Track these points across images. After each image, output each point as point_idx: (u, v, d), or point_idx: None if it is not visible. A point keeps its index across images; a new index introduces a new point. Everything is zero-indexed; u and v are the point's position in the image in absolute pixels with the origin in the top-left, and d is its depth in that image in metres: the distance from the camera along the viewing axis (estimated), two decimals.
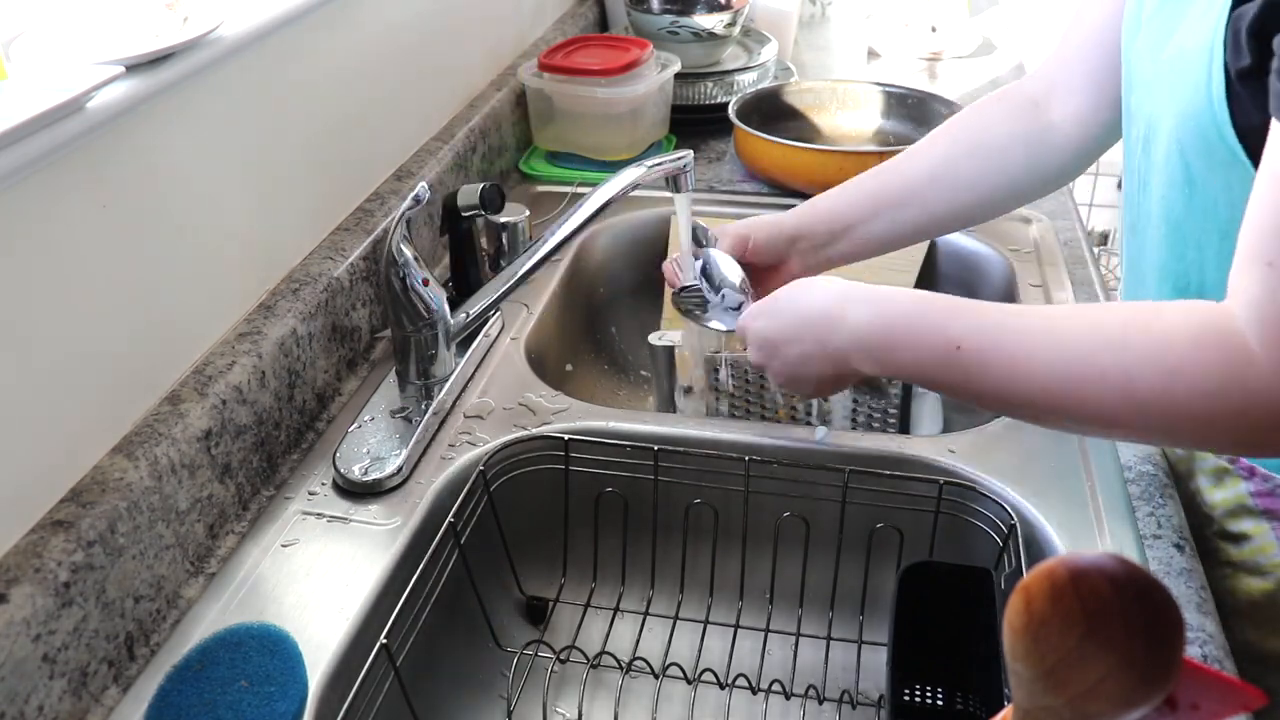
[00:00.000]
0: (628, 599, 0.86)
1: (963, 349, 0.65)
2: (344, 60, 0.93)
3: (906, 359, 0.69)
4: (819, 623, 0.83)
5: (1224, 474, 0.77)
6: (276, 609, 0.68)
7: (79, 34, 0.68)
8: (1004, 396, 0.65)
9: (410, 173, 1.04)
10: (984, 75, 1.66)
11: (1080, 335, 0.62)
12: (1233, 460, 0.76)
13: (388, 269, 0.83)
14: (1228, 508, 0.77)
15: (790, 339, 0.74)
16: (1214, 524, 0.79)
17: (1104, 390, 0.60)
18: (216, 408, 0.72)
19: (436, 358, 0.87)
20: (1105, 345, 0.60)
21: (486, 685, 0.80)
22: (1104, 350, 0.60)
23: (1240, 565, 0.77)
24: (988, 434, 0.83)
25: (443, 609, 0.74)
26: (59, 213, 0.61)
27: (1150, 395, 0.58)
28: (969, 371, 0.65)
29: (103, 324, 0.66)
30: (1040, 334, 0.63)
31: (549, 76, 1.25)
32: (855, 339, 0.70)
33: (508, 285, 0.89)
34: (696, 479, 0.81)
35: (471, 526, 0.76)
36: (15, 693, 0.55)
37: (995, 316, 0.65)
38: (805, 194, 1.20)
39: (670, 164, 0.89)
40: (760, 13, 1.60)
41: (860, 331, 0.70)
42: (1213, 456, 0.78)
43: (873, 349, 0.70)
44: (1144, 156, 0.73)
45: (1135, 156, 0.75)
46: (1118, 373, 0.59)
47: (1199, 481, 0.80)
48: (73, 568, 0.59)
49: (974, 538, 0.77)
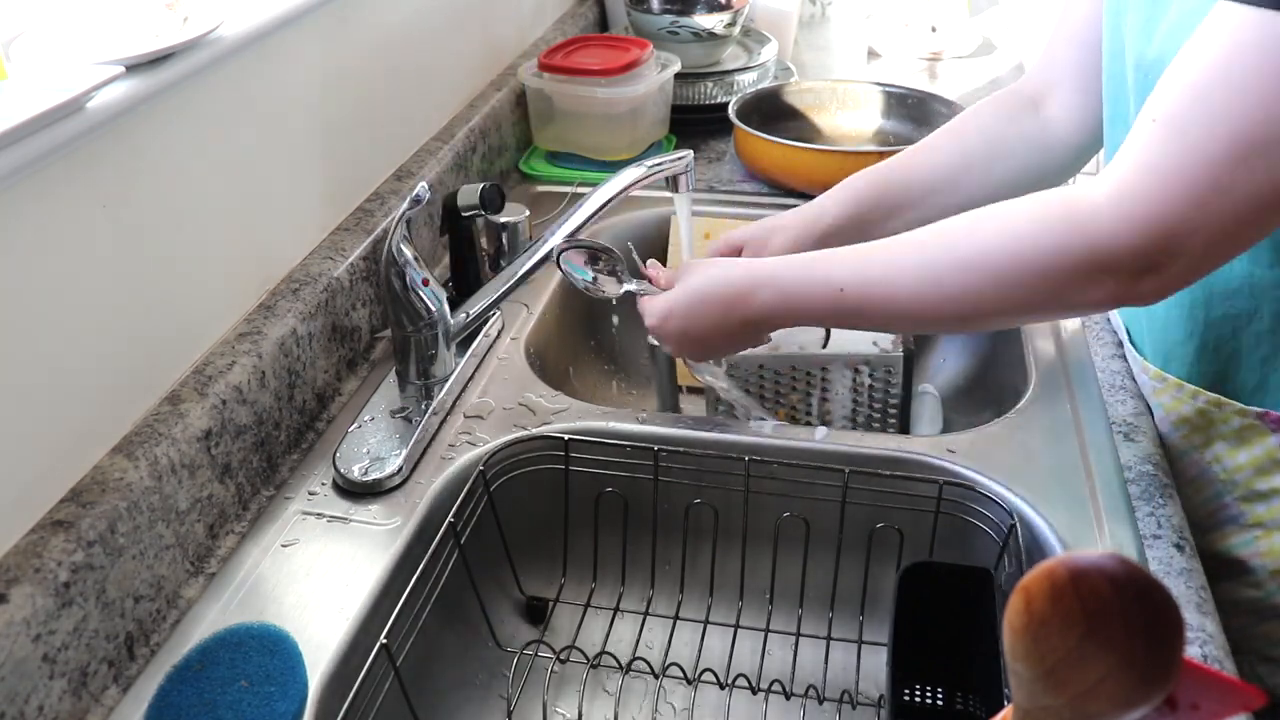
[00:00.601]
0: (628, 599, 0.86)
1: (845, 290, 0.71)
2: (344, 60, 0.93)
3: (806, 316, 0.76)
4: (819, 623, 0.83)
5: (1249, 431, 0.77)
6: (276, 609, 0.68)
7: (79, 34, 0.68)
8: (892, 317, 0.73)
9: (410, 173, 1.04)
10: (984, 75, 1.66)
11: (938, 236, 0.68)
12: (1260, 415, 0.76)
13: (388, 269, 0.83)
14: (1255, 466, 0.77)
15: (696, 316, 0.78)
16: (1236, 488, 0.79)
17: (966, 275, 0.66)
18: (216, 408, 0.72)
19: (436, 358, 0.87)
20: (961, 234, 0.67)
21: (486, 685, 0.80)
22: (961, 239, 0.67)
23: (1272, 523, 0.77)
24: (988, 434, 0.83)
25: (443, 609, 0.74)
26: (59, 213, 0.61)
27: (1002, 264, 0.64)
28: (859, 307, 0.72)
29: (103, 324, 0.66)
30: (905, 248, 0.70)
31: (549, 76, 1.25)
32: (762, 316, 0.76)
33: (508, 285, 0.89)
34: (696, 479, 0.81)
35: (471, 526, 0.76)
36: (15, 693, 0.55)
37: (869, 253, 0.72)
38: (805, 194, 1.20)
39: (670, 164, 0.89)
40: (760, 13, 1.60)
41: (765, 309, 0.76)
42: (1235, 416, 0.77)
43: (777, 319, 0.77)
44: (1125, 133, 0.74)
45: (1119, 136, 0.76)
46: (973, 253, 0.66)
47: (1217, 448, 0.79)
48: (73, 568, 0.59)
49: (974, 538, 0.77)
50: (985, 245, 0.65)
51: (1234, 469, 0.79)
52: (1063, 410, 0.85)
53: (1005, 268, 0.64)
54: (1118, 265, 0.60)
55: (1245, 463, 0.78)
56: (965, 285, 0.66)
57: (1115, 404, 0.85)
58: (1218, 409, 0.78)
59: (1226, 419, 0.78)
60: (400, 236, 0.82)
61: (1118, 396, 0.86)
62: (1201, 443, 0.80)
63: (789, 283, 0.74)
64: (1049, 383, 0.88)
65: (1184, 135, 0.57)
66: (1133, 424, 0.83)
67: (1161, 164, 0.58)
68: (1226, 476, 0.79)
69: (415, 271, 0.83)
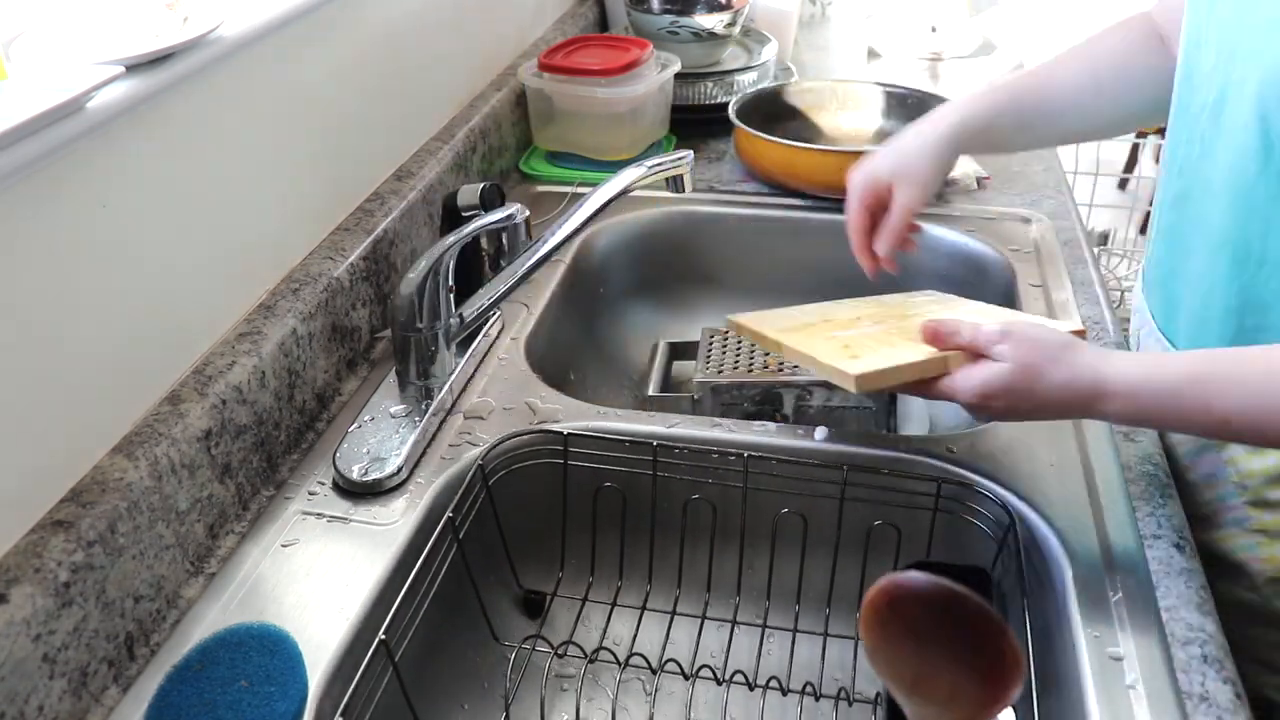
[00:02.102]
0: (625, 594, 0.86)
1: (1232, 424, 0.67)
2: (344, 60, 0.93)
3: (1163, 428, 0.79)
4: (816, 620, 0.83)
5: None
6: (276, 609, 0.68)
7: (79, 34, 0.68)
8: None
9: (410, 173, 1.04)
10: (984, 75, 1.66)
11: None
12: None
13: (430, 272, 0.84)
14: (1268, 475, 0.77)
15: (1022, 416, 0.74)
16: (1246, 493, 0.79)
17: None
18: (216, 408, 0.72)
19: (436, 358, 0.87)
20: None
21: (485, 680, 0.80)
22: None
23: (1275, 533, 0.78)
24: (987, 434, 0.83)
25: (441, 604, 0.74)
26: (59, 213, 0.61)
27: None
28: (1247, 439, 0.71)
29: (103, 324, 0.66)
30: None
31: (549, 76, 1.25)
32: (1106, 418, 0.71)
33: (508, 285, 0.89)
34: (695, 475, 0.81)
35: (470, 521, 0.76)
36: (15, 693, 0.55)
37: (1258, 380, 0.65)
38: (805, 194, 1.21)
39: (670, 164, 0.90)
40: (760, 13, 1.60)
41: (1114, 417, 0.71)
42: None
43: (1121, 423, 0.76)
44: (1211, 123, 0.74)
45: (1199, 123, 0.76)
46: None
47: (1234, 450, 0.79)
48: (73, 568, 0.59)
49: (972, 537, 0.77)
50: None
51: (1248, 474, 0.79)
52: None
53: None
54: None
55: (1259, 470, 0.78)
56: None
57: None
58: None
59: None
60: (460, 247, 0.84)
61: None
62: (1220, 444, 0.80)
63: (1152, 407, 0.68)
64: None
65: None
66: None
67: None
68: (1239, 479, 0.79)
69: (446, 282, 0.85)
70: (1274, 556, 0.78)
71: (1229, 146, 0.72)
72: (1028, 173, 1.25)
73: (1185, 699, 0.61)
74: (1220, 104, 0.73)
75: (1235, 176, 0.72)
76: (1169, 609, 0.67)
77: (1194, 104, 0.77)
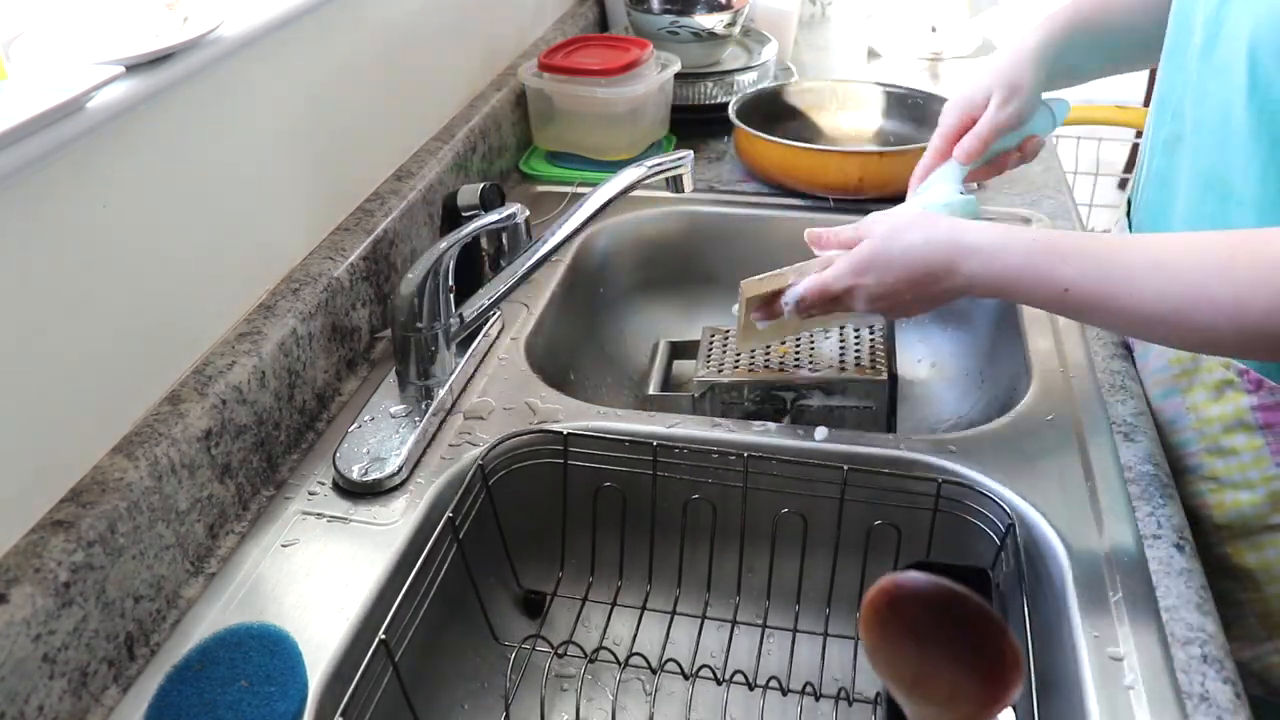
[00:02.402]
0: (625, 594, 0.86)
1: (1070, 292, 0.69)
2: (344, 60, 0.93)
3: (1016, 299, 0.77)
4: (816, 620, 0.83)
5: (1226, 386, 0.79)
6: (276, 609, 0.68)
7: (79, 34, 0.68)
8: (1114, 327, 0.76)
9: (410, 173, 1.04)
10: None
11: (1187, 266, 0.65)
12: (1241, 372, 0.77)
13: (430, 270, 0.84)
14: (1225, 422, 0.79)
15: (895, 292, 0.76)
16: (1203, 439, 0.81)
17: (1215, 317, 0.63)
18: (216, 408, 0.72)
19: (436, 358, 0.87)
20: (1214, 274, 0.64)
21: (485, 680, 0.80)
22: (1213, 279, 0.64)
23: (1225, 480, 0.80)
24: (987, 434, 0.83)
25: (441, 603, 0.74)
26: (59, 212, 0.61)
27: (1261, 318, 0.62)
28: (1080, 311, 0.71)
29: (103, 324, 0.66)
30: (1147, 268, 0.66)
31: (549, 76, 1.25)
32: (964, 290, 0.74)
33: (508, 285, 0.89)
34: (695, 475, 0.81)
35: (470, 521, 0.76)
36: (15, 693, 0.55)
37: (1101, 254, 0.68)
38: (805, 194, 1.21)
39: (670, 164, 0.90)
40: (760, 13, 1.60)
41: (971, 285, 0.73)
42: (1220, 369, 0.79)
43: (982, 294, 0.75)
44: (1203, 62, 0.76)
45: (1190, 65, 0.78)
46: (1228, 301, 0.63)
47: (1196, 396, 0.81)
48: (73, 568, 0.59)
49: (972, 537, 0.77)
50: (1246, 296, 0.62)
51: (1206, 420, 0.80)
52: (1063, 410, 0.85)
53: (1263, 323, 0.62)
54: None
55: (1216, 416, 0.80)
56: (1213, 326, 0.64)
57: (1115, 404, 0.85)
58: (1207, 356, 0.79)
59: (1211, 369, 0.80)
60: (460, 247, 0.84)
61: (1118, 396, 0.86)
62: (1185, 387, 0.82)
63: (1004, 268, 0.72)
64: (1049, 383, 0.89)
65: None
66: (1133, 424, 0.83)
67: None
68: (1198, 426, 0.81)
69: (445, 283, 0.85)
70: (1222, 503, 0.80)
71: (1219, 86, 0.74)
72: (1028, 173, 1.25)
73: (1185, 699, 0.61)
74: (1212, 43, 0.74)
75: (1223, 114, 0.74)
76: (1169, 609, 0.67)
77: (1188, 46, 0.78)
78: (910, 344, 1.13)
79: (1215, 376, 0.79)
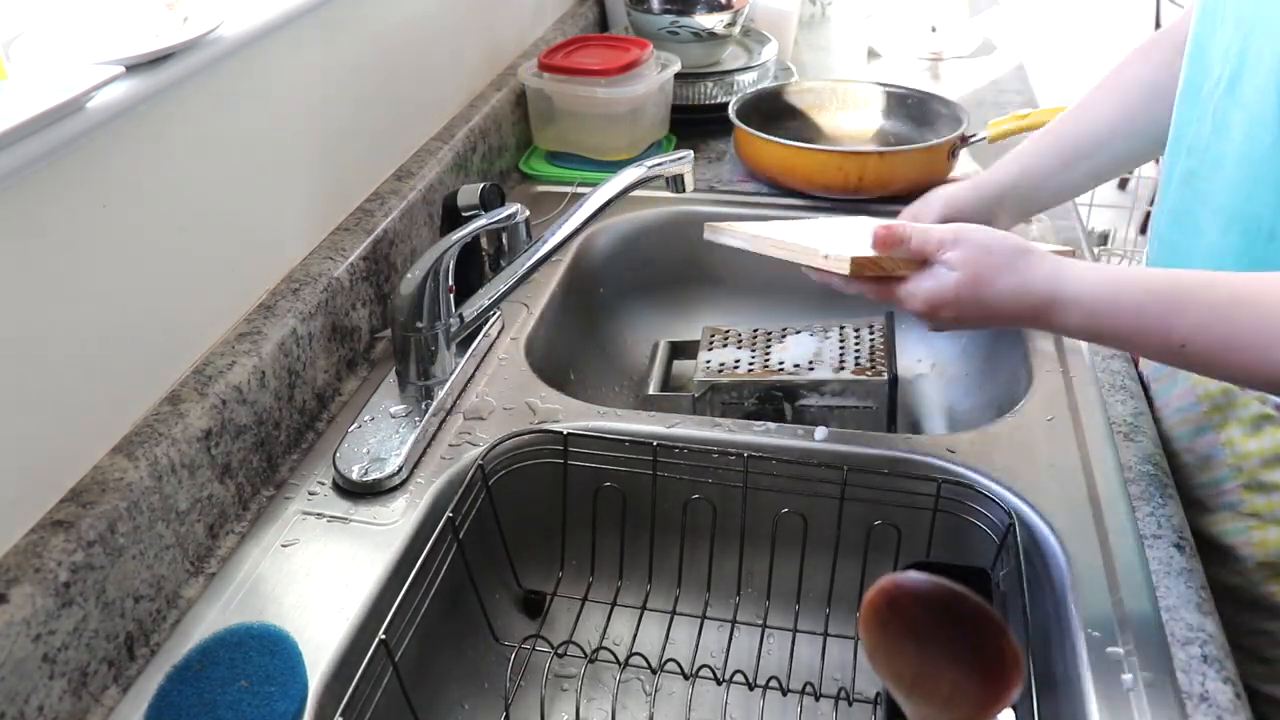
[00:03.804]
0: (625, 594, 0.86)
1: (1188, 347, 0.64)
2: (344, 60, 0.93)
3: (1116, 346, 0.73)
4: (816, 620, 0.83)
5: (1264, 421, 0.77)
6: (276, 609, 0.68)
7: (79, 34, 0.68)
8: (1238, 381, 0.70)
9: (410, 173, 1.04)
10: (984, 75, 1.66)
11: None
12: (1278, 407, 0.76)
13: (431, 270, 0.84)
14: (1263, 457, 0.77)
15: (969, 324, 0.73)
16: (1241, 475, 0.79)
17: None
18: (216, 408, 0.72)
19: (436, 358, 0.87)
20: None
21: (485, 680, 0.80)
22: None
23: (1268, 516, 0.78)
24: (987, 434, 0.83)
25: (441, 603, 0.74)
26: (59, 212, 0.61)
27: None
28: (1197, 365, 0.66)
29: (102, 324, 0.66)
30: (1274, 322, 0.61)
31: (549, 76, 1.25)
32: (1058, 329, 0.71)
33: (508, 285, 0.89)
34: (695, 475, 0.81)
35: (470, 521, 0.76)
36: (15, 693, 0.55)
37: (1223, 306, 0.63)
38: (805, 194, 1.21)
39: (670, 164, 0.90)
40: (760, 13, 1.60)
41: (1068, 330, 0.70)
42: (1255, 403, 0.78)
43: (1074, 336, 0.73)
44: (1226, 96, 0.74)
45: (1211, 100, 0.77)
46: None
47: (1231, 431, 0.79)
48: (73, 568, 0.59)
49: (972, 537, 0.77)
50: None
51: (1243, 455, 0.79)
52: (1063, 410, 0.85)
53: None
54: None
55: (1254, 451, 0.78)
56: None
57: (1115, 404, 0.85)
58: (1241, 391, 0.78)
59: (1246, 404, 0.78)
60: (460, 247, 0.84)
61: (1118, 396, 0.86)
62: (1219, 423, 0.80)
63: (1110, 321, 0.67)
64: (1049, 383, 0.89)
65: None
66: (1133, 424, 0.83)
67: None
68: (1234, 462, 0.79)
69: (445, 283, 0.85)
70: (1265, 541, 0.78)
71: (1244, 119, 0.73)
72: None
73: (1185, 699, 0.61)
74: (1236, 77, 0.74)
75: (1249, 149, 0.73)
76: (1169, 609, 0.67)
77: (1206, 82, 0.78)
78: (910, 344, 1.13)
79: (1251, 411, 0.78)
